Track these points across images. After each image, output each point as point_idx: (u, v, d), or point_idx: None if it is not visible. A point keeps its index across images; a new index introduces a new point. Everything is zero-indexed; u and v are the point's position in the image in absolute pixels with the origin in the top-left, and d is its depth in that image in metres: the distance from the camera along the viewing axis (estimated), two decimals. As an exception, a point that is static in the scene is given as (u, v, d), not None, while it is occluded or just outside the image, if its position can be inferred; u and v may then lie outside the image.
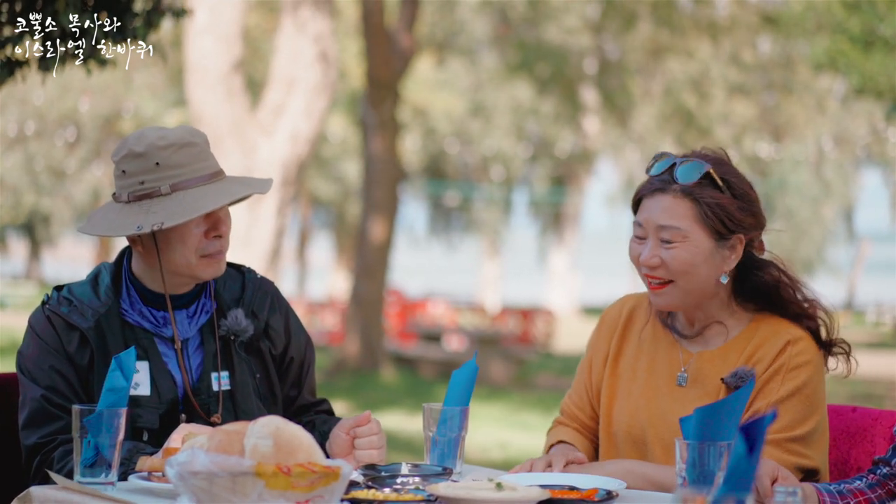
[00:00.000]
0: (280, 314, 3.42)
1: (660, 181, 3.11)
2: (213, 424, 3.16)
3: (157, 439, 3.16)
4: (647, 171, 3.17)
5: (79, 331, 3.20)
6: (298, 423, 3.34)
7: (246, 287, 3.39)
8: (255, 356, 3.34)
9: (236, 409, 3.27)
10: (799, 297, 3.16)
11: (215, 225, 3.22)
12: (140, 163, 3.18)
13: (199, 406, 3.23)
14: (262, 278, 3.45)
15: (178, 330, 3.28)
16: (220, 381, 3.27)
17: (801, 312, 3.14)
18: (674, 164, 3.10)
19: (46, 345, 3.20)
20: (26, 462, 3.16)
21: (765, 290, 3.15)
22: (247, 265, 3.49)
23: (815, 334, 3.14)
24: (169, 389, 3.22)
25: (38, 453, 3.14)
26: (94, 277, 3.30)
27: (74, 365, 3.19)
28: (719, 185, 3.07)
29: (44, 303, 3.26)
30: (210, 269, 3.24)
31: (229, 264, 3.40)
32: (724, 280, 3.11)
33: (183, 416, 3.22)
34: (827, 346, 3.14)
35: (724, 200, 3.07)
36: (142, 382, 3.20)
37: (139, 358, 3.21)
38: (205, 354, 3.28)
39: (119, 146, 3.23)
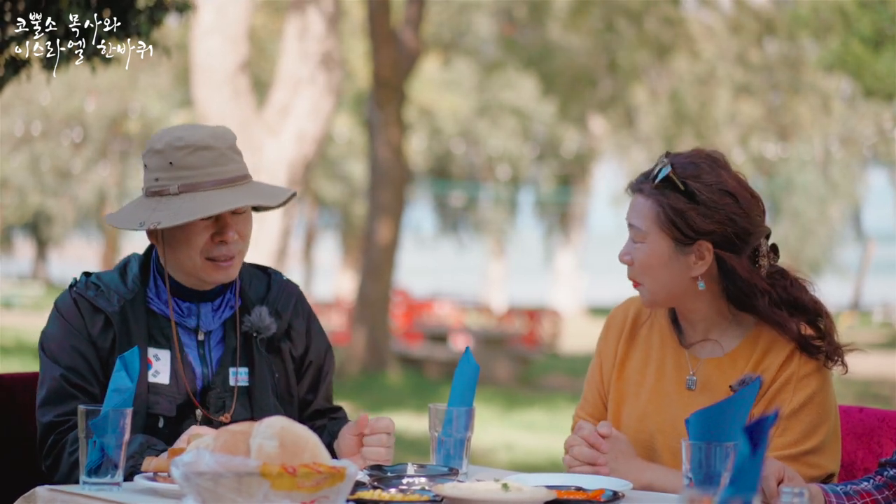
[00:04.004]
0: (302, 317, 3.43)
1: (638, 181, 3.12)
2: (220, 424, 3.16)
3: (173, 428, 3.18)
4: None
5: (103, 314, 3.23)
6: (311, 426, 3.35)
7: (271, 287, 3.41)
8: (275, 355, 3.35)
9: (253, 405, 3.27)
10: (779, 309, 3.07)
11: (221, 230, 3.22)
12: (157, 160, 3.22)
13: (214, 399, 3.25)
14: (288, 280, 3.47)
15: (202, 322, 3.30)
16: (238, 376, 3.29)
17: (784, 324, 3.07)
18: (659, 164, 3.10)
19: (70, 326, 3.23)
20: (41, 439, 3.20)
21: (743, 302, 3.09)
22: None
23: (802, 346, 3.08)
24: (188, 380, 3.24)
25: (53, 432, 3.18)
26: (123, 266, 3.34)
27: (96, 347, 3.22)
28: (680, 189, 3.04)
29: (71, 286, 3.30)
30: (216, 274, 3.25)
31: (255, 266, 3.44)
32: (702, 286, 3.08)
33: (198, 412, 3.23)
34: (810, 351, 3.08)
35: (683, 205, 3.04)
36: (161, 371, 3.23)
37: (161, 346, 3.24)
38: (225, 349, 3.30)
39: (149, 140, 3.28)
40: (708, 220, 3.03)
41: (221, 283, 3.29)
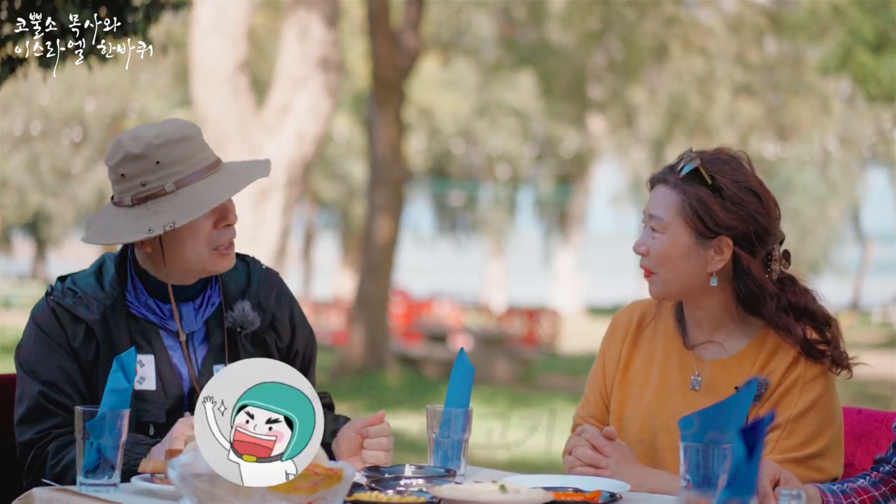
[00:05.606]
0: (285, 307, 3.38)
1: (662, 172, 3.14)
2: None
3: (164, 435, 3.12)
4: None
5: (84, 323, 3.14)
6: None
7: (252, 278, 3.35)
8: (260, 349, 3.29)
9: None
10: (786, 315, 3.08)
11: (224, 215, 3.18)
12: (139, 164, 3.12)
13: None
14: (268, 269, 3.41)
15: (184, 323, 3.23)
16: None
17: (789, 328, 3.08)
18: (686, 158, 3.11)
19: (49, 339, 3.15)
20: (21, 458, 3.13)
21: (751, 304, 3.10)
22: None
23: (807, 350, 3.08)
24: (175, 384, 3.19)
25: (32, 448, 3.11)
26: (99, 268, 3.25)
27: (79, 360, 3.13)
28: (707, 183, 3.06)
29: (48, 294, 3.20)
30: (223, 262, 3.19)
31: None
32: (714, 283, 3.08)
33: (188, 413, 3.18)
34: (815, 355, 3.09)
35: (708, 198, 3.05)
36: (147, 377, 3.17)
37: (144, 351, 3.16)
38: (209, 347, 3.24)
39: (113, 149, 3.17)
40: (731, 216, 3.05)
41: (225, 271, 3.23)
